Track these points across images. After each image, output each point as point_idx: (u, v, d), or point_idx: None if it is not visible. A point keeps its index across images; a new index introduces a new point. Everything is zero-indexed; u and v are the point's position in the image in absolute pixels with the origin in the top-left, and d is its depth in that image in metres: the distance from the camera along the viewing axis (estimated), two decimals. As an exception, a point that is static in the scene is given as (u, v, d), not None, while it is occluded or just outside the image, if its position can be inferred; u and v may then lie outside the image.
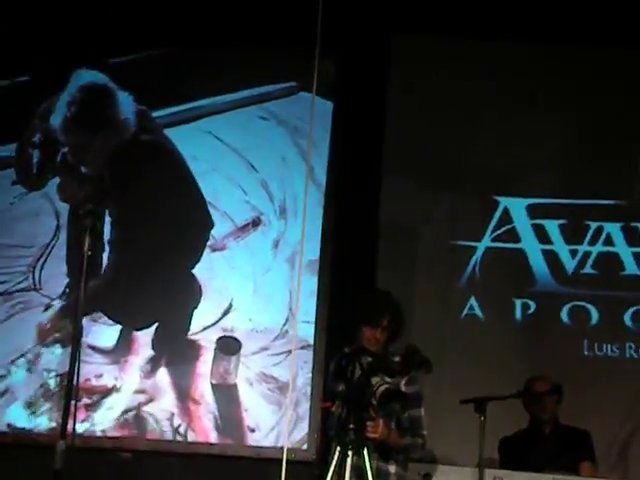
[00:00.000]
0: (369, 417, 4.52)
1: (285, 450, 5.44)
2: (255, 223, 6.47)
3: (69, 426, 4.28)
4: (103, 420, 6.16)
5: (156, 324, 6.30)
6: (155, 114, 6.56)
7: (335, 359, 4.82)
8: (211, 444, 6.13)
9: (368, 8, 6.26)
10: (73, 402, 4.29)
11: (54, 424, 6.09)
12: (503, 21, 6.29)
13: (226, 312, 6.32)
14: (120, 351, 6.30)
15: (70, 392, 4.30)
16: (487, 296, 6.31)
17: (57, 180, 6.46)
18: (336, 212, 6.33)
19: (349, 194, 6.30)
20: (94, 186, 6.33)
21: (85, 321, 6.02)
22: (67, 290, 6.33)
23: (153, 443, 6.15)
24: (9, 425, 6.18)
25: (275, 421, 6.13)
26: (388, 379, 4.58)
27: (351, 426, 4.52)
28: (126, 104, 6.40)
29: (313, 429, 5.99)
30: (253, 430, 6.13)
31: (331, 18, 5.34)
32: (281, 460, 5.10)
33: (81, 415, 6.07)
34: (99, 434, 6.12)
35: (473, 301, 6.31)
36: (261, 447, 6.09)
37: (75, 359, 4.32)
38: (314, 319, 6.22)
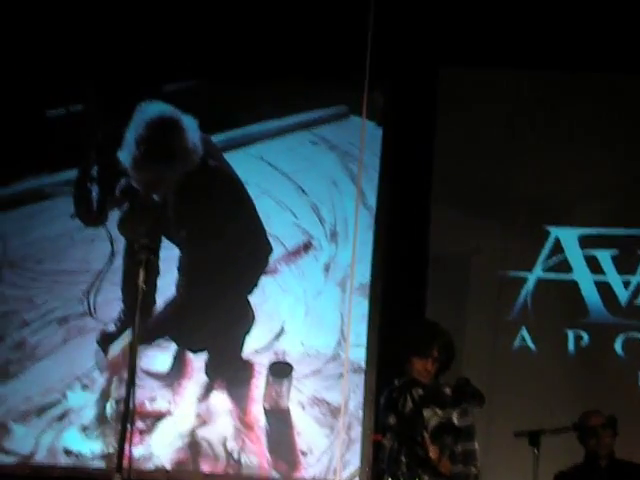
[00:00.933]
0: (421, 450, 4.47)
1: None
2: (306, 247, 6.44)
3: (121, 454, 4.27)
4: (157, 444, 6.16)
5: (209, 348, 6.30)
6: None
7: (386, 391, 4.76)
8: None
9: (416, 40, 6.24)
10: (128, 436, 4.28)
11: (110, 449, 6.13)
12: (549, 51, 6.21)
13: (278, 335, 6.29)
14: (174, 375, 6.29)
15: (126, 422, 4.29)
16: (539, 327, 6.21)
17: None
18: (386, 236, 6.28)
19: (399, 219, 6.25)
20: (157, 217, 6.29)
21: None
22: (122, 316, 6.35)
23: (210, 477, 6.15)
24: (65, 449, 6.21)
25: (327, 445, 6.10)
26: (440, 412, 4.53)
27: (403, 459, 4.47)
28: (192, 130, 6.25)
29: (365, 461, 5.93)
30: (305, 454, 6.10)
31: (381, 47, 5.31)
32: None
33: (135, 439, 6.07)
34: (154, 461, 6.12)
35: (525, 332, 6.22)
36: (313, 478, 6.07)
37: (130, 389, 4.30)
38: (365, 342, 6.18)
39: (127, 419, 4.27)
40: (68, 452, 6.21)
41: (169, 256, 6.21)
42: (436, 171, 6.34)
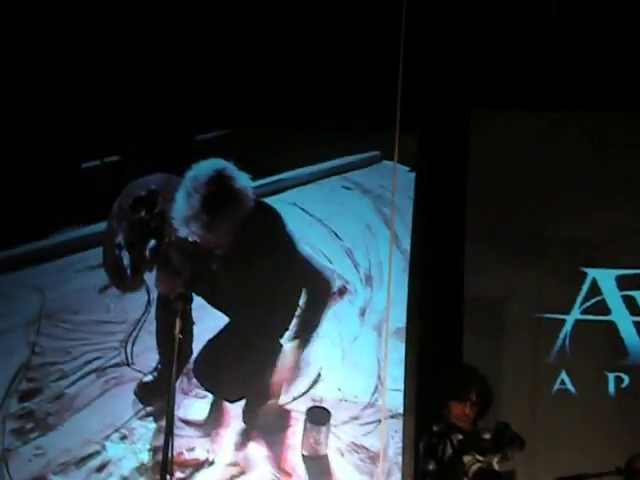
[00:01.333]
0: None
1: None
2: (341, 292, 6.39)
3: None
4: (198, 495, 6.13)
5: (246, 396, 6.25)
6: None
7: (424, 437, 4.71)
8: None
9: (447, 82, 6.22)
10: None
11: (149, 500, 6.11)
12: (578, 92, 6.16)
13: (315, 381, 6.24)
14: (211, 424, 6.24)
15: (165, 472, 4.24)
16: (578, 370, 6.10)
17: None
18: (421, 279, 6.22)
19: (433, 262, 6.20)
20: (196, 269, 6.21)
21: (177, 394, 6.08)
22: (158, 366, 6.32)
23: None
24: (106, 502, 6.20)
25: (368, 492, 6.02)
26: (480, 457, 4.45)
27: (444, 505, 4.40)
28: (243, 179, 6.09)
29: (405, 508, 5.86)
30: (347, 497, 6.02)
31: (411, 90, 5.30)
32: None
33: (173, 488, 6.05)
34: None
35: (564, 375, 6.10)
36: None
37: (169, 439, 4.25)
38: (403, 387, 6.10)
39: (166, 469, 4.23)
40: (110, 505, 6.20)
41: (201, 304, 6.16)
42: (469, 213, 6.28)
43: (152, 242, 6.30)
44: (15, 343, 6.47)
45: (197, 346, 6.21)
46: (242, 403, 6.23)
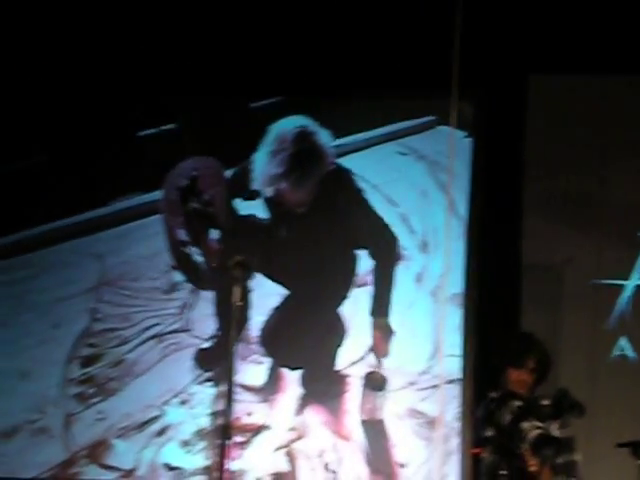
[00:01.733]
0: (521, 463, 4.35)
1: None
2: (397, 258, 6.35)
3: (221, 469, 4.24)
4: (255, 458, 6.14)
5: (304, 362, 6.26)
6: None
7: (482, 404, 4.66)
8: None
9: (505, 47, 6.08)
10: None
11: (209, 462, 6.13)
12: (638, 55, 6.01)
13: (371, 348, 6.22)
14: (269, 389, 6.27)
15: (224, 436, 4.26)
16: (638, 336, 5.98)
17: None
18: (478, 245, 6.16)
19: (490, 227, 6.12)
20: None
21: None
22: (217, 333, 6.35)
23: None
24: (165, 464, 6.23)
25: (425, 456, 6.00)
26: (539, 423, 4.41)
27: (502, 472, 4.36)
28: (325, 135, 6.27)
29: (464, 474, 5.82)
30: (403, 465, 6.01)
31: (468, 56, 5.21)
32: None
33: (234, 453, 6.09)
34: (252, 474, 6.10)
35: (623, 342, 6.00)
36: None
37: (229, 404, 4.26)
38: (460, 353, 6.06)
39: (225, 434, 4.25)
40: (169, 467, 6.24)
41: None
42: (527, 179, 6.19)
43: (214, 232, 6.31)
44: (76, 310, 6.54)
45: (255, 313, 6.27)
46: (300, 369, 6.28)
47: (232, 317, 4.36)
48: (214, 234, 6.37)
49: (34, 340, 6.56)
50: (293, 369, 6.25)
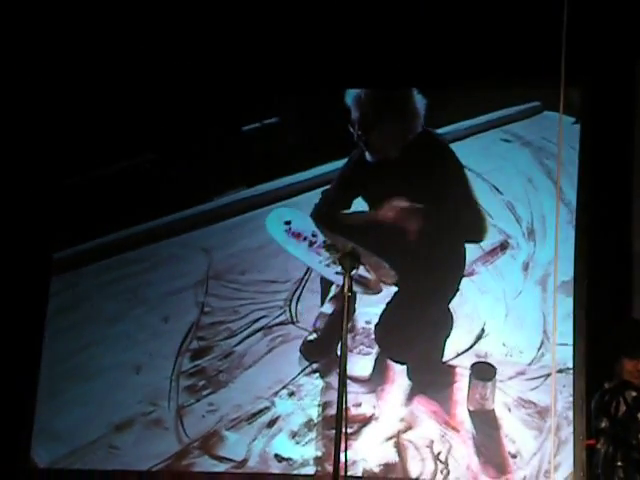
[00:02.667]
0: (638, 454, 4.17)
1: None
2: (503, 246, 6.18)
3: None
4: (364, 448, 6.05)
5: (411, 352, 6.15)
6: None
7: (597, 394, 4.49)
8: None
9: (612, 33, 5.88)
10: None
11: (319, 453, 6.08)
12: None
13: (479, 337, 6.06)
14: (376, 380, 6.16)
15: (340, 426, 4.18)
16: None
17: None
18: (588, 233, 5.95)
19: (600, 214, 5.91)
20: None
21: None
22: (323, 324, 6.28)
23: None
24: (276, 455, 6.18)
25: (536, 446, 5.82)
26: (656, 415, 4.22)
27: (619, 464, 4.18)
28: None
29: (578, 465, 5.62)
30: (515, 456, 5.84)
31: (575, 42, 5.02)
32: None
33: (343, 444, 6.00)
34: (361, 465, 6.00)
35: None
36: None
37: (342, 394, 4.18)
38: (570, 342, 5.86)
39: (341, 423, 4.17)
40: (279, 458, 6.19)
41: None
42: (637, 165, 5.95)
43: None
44: (186, 303, 6.55)
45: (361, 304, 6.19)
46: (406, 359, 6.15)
47: (343, 307, 4.26)
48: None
49: (146, 334, 6.59)
50: (402, 363, 6.15)
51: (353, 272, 4.23)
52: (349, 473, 5.73)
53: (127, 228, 6.72)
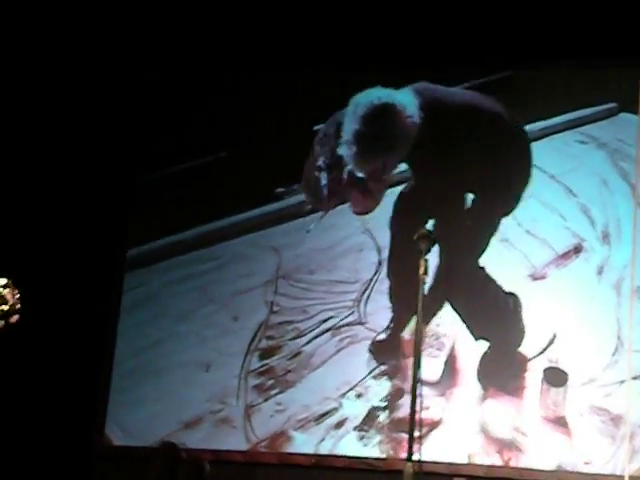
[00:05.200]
0: None
1: (627, 477, 5.04)
2: (577, 250, 5.82)
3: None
4: (432, 453, 5.71)
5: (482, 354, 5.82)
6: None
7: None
8: (546, 471, 5.53)
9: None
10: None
11: (384, 455, 5.79)
12: None
13: (551, 342, 5.70)
14: (445, 383, 5.84)
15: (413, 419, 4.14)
16: None
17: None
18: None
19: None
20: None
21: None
22: (391, 324, 5.99)
23: (489, 469, 5.64)
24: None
25: (610, 454, 5.44)
26: None
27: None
28: (409, 105, 5.88)
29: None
30: (587, 463, 5.47)
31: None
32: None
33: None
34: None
35: None
36: (599, 474, 5.43)
37: (416, 376, 4.21)
38: (645, 348, 5.49)
39: (413, 428, 4.10)
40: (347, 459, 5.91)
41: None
42: None
43: (349, 166, 6.00)
44: (255, 302, 6.32)
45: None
46: (477, 363, 5.82)
47: (419, 290, 4.13)
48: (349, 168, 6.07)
49: (215, 332, 6.37)
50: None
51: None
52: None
53: (198, 226, 6.51)
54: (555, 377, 5.61)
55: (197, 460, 5.30)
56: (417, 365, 4.12)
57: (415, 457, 4.05)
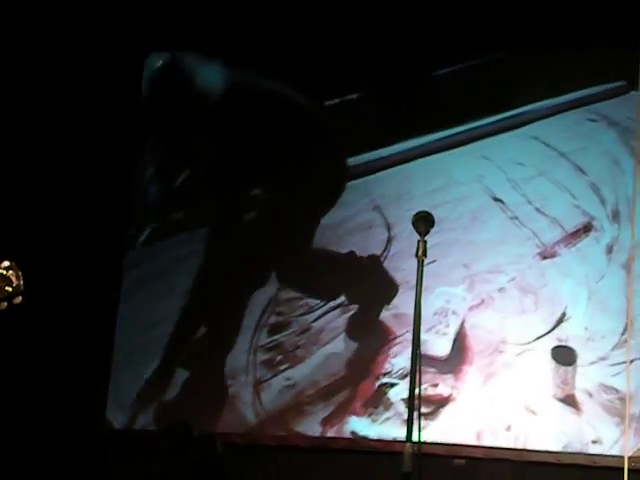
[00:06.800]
0: None
1: (626, 459, 4.83)
2: (586, 228, 5.62)
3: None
4: (441, 429, 5.58)
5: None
6: (479, 123, 5.90)
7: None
8: (546, 452, 5.38)
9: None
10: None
11: (395, 432, 5.62)
12: None
13: (560, 321, 5.53)
14: (455, 360, 5.67)
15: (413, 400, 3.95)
16: None
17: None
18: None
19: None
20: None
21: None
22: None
23: (488, 450, 5.50)
24: (352, 433, 5.76)
25: (618, 434, 5.27)
26: None
27: None
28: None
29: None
30: (595, 442, 5.31)
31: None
32: (621, 469, 4.58)
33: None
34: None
35: None
36: (599, 455, 5.27)
37: (415, 369, 3.99)
38: (656, 329, 5.32)
39: (414, 389, 3.95)
40: (355, 435, 5.74)
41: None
42: None
43: None
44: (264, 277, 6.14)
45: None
46: (485, 340, 5.63)
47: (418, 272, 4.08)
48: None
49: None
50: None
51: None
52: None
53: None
54: (564, 356, 5.45)
55: (209, 439, 5.17)
56: (416, 345, 4.01)
57: (414, 438, 3.85)
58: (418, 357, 3.96)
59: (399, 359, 5.77)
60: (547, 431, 5.39)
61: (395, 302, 5.86)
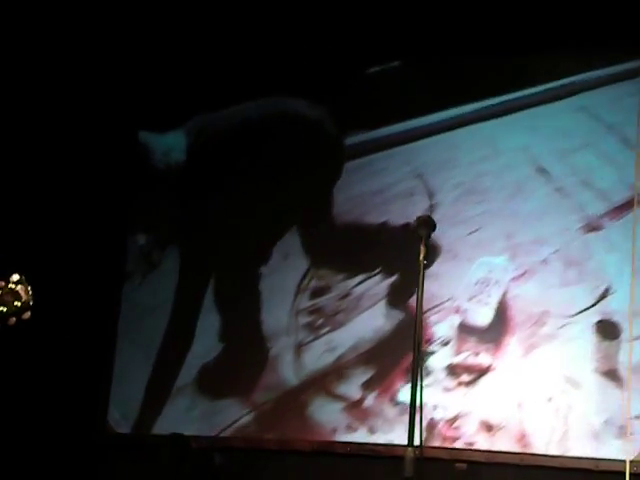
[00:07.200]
0: None
1: (628, 463, 4.90)
2: (632, 202, 5.53)
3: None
4: (480, 399, 5.59)
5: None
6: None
7: None
8: (547, 456, 5.36)
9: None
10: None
11: (432, 400, 5.60)
12: None
13: (604, 296, 5.48)
14: (496, 330, 5.65)
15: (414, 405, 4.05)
16: None
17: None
18: None
19: None
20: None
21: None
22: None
23: (489, 454, 5.48)
24: (391, 398, 5.78)
25: (662, 410, 5.28)
26: None
27: None
28: None
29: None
30: (638, 417, 5.29)
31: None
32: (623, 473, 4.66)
33: (460, 392, 5.60)
34: (476, 415, 5.55)
35: None
36: (601, 459, 5.23)
37: (417, 362, 4.14)
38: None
39: (415, 393, 4.08)
40: (394, 401, 5.76)
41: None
42: None
43: None
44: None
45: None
46: (527, 310, 5.60)
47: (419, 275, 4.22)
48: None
49: (267, 269, 6.25)
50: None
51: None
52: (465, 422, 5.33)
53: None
54: (608, 330, 5.41)
55: (206, 451, 5.21)
56: (417, 349, 4.14)
57: (459, 408, 3.91)
58: (420, 362, 4.14)
59: (439, 327, 5.77)
60: (589, 405, 5.38)
61: (435, 270, 5.81)
